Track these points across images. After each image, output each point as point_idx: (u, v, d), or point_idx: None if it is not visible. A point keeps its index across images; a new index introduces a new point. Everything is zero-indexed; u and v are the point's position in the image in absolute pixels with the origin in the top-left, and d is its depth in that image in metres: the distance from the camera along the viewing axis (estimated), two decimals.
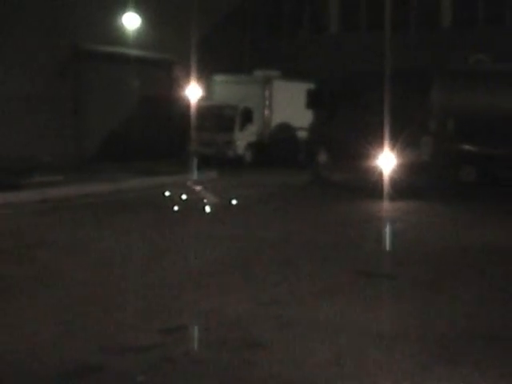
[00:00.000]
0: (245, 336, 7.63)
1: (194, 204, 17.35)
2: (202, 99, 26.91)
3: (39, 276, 10.24)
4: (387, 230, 14.70)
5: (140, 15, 28.26)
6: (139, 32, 28.23)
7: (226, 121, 27.94)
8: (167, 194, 18.63)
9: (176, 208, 16.74)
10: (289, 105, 29.65)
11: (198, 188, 18.73)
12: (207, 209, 16.70)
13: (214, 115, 27.87)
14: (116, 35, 27.77)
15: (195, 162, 22.59)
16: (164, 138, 28.81)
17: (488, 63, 26.02)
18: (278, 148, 28.88)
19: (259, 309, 8.68)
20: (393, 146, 19.32)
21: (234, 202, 17.75)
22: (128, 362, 6.88)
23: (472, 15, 33.01)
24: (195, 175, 20.80)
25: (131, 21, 28.12)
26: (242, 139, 27.98)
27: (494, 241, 13.69)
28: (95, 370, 6.66)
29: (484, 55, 26.33)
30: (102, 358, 6.95)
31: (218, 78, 29.91)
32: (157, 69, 29.84)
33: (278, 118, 29.43)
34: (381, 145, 19.38)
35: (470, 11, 33.15)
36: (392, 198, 18.28)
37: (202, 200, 17.50)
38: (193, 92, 25.34)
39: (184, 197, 18.09)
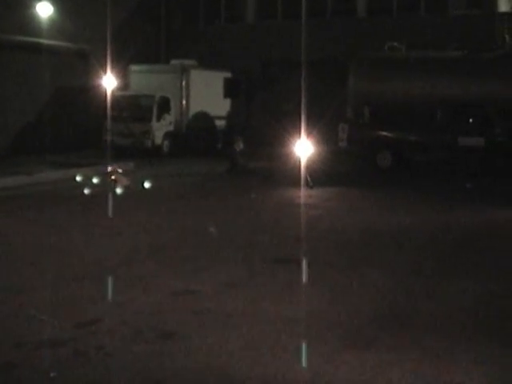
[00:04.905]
0: (159, 327, 7.59)
1: (108, 195, 17.13)
2: (118, 89, 26.59)
3: None
4: (303, 216, 14.78)
5: (53, 4, 27.71)
6: (53, 21, 27.68)
7: (143, 111, 27.66)
8: (79, 184, 18.30)
9: (90, 199, 16.52)
10: (206, 94, 29.56)
11: (113, 179, 18.48)
12: (121, 199, 16.54)
13: (131, 105, 27.54)
14: (29, 24, 27.17)
15: (111, 152, 22.31)
16: (80, 128, 28.38)
17: (402, 50, 26.43)
18: (195, 137, 28.79)
19: (173, 299, 8.65)
20: (310, 134, 19.44)
21: (147, 188, 17.70)
22: (41, 358, 6.78)
23: (387, 3, 33.45)
24: (112, 167, 20.47)
25: (44, 10, 27.55)
26: (160, 129, 27.76)
27: (408, 225, 13.94)
28: (8, 367, 6.55)
29: (398, 43, 26.72)
30: (15, 354, 6.83)
31: (135, 67, 29.57)
32: (72, 59, 29.34)
33: (195, 107, 29.30)
34: (298, 132, 19.48)
35: (384, 0, 33.60)
36: (309, 185, 18.42)
37: (116, 191, 17.30)
38: (109, 82, 25.02)
39: (99, 188, 17.82)
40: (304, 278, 9.79)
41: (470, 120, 22.56)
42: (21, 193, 18.02)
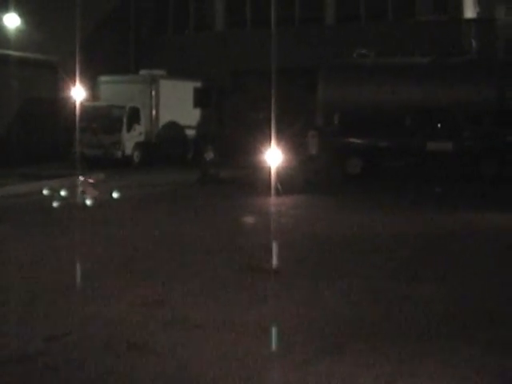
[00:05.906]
0: (129, 339, 7.56)
1: (78, 207, 17.07)
2: (87, 100, 26.52)
3: None
4: (273, 224, 14.82)
5: (21, 16, 27.59)
6: (21, 33, 27.57)
7: (112, 121, 27.59)
8: (49, 197, 18.19)
9: (59, 212, 16.44)
10: (176, 103, 29.57)
11: (83, 190, 18.39)
12: (89, 211, 16.49)
13: (101, 116, 27.48)
14: None
15: (81, 164, 22.22)
16: (49, 140, 28.24)
17: (370, 57, 26.61)
18: (166, 147, 28.77)
19: (143, 310, 8.61)
20: (280, 142, 19.51)
21: (116, 198, 17.74)
22: (9, 373, 6.73)
23: (355, 11, 33.67)
24: (82, 178, 20.39)
25: (12, 21, 27.44)
26: (130, 139, 27.71)
27: (377, 230, 14.03)
28: None
29: (366, 50, 26.90)
30: None
31: (104, 78, 29.51)
32: (40, 70, 29.22)
33: (165, 117, 29.29)
34: (268, 141, 19.54)
35: (352, 8, 33.81)
36: (280, 193, 18.47)
37: (85, 202, 17.24)
38: (78, 93, 24.95)
39: (68, 200, 17.72)
40: (274, 286, 9.82)
41: (439, 125, 22.75)
42: None
